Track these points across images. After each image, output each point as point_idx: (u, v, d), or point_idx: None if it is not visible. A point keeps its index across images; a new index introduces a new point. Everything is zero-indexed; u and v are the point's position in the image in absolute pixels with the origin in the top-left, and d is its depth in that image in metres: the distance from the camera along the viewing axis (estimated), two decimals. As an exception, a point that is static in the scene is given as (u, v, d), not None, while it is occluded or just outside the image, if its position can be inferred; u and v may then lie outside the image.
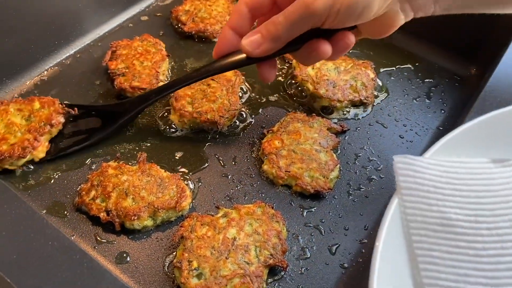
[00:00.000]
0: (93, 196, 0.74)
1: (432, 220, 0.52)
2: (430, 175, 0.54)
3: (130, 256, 0.70)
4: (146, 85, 0.89)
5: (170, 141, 0.85)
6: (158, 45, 0.98)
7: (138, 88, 0.89)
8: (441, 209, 0.52)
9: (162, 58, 0.95)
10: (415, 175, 0.53)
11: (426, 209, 0.52)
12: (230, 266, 0.66)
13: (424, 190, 0.53)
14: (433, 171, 0.55)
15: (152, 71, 0.92)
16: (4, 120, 0.79)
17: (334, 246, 0.72)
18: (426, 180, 0.54)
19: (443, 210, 0.52)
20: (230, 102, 0.88)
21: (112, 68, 0.92)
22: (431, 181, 0.54)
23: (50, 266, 0.51)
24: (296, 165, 0.79)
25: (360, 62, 0.96)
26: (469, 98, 0.92)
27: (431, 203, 0.53)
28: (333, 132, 0.86)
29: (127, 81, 0.90)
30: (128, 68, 0.92)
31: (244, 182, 0.80)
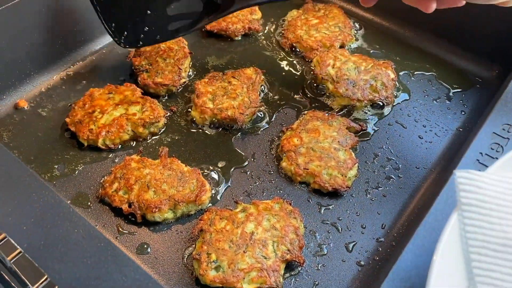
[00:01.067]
0: (116, 188, 0.76)
1: (493, 239, 0.49)
2: (494, 192, 0.51)
3: (151, 247, 0.72)
4: (168, 81, 0.92)
5: (191, 137, 0.87)
6: (180, 42, 1.00)
7: (161, 84, 0.91)
8: (504, 228, 0.50)
9: (184, 55, 0.97)
10: (477, 191, 0.51)
11: (488, 228, 0.50)
12: (248, 259, 0.67)
13: (486, 208, 0.51)
14: (497, 188, 0.52)
15: (174, 67, 0.94)
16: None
17: (351, 244, 0.73)
18: (488, 197, 0.51)
19: (505, 229, 0.50)
20: (250, 99, 0.89)
21: (136, 64, 0.94)
22: (494, 198, 0.51)
23: (76, 252, 0.53)
24: (314, 163, 0.80)
25: (381, 62, 0.97)
26: (490, 99, 0.91)
27: (493, 221, 0.50)
28: (352, 131, 0.86)
29: (150, 78, 0.92)
30: (151, 65, 0.94)
31: (262, 179, 0.81)
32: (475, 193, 0.51)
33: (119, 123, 0.83)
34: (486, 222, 0.50)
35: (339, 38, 1.04)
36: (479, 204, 0.51)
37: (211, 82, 0.92)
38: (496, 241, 0.49)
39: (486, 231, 0.50)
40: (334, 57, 0.97)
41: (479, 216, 0.50)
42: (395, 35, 1.09)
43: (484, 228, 0.50)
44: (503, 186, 0.52)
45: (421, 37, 1.07)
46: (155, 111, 0.86)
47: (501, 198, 0.51)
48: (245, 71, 0.95)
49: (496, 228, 0.50)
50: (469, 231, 0.50)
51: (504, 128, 0.70)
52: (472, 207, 0.50)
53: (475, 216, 0.50)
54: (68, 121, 0.85)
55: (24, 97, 0.92)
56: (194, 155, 0.84)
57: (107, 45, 1.04)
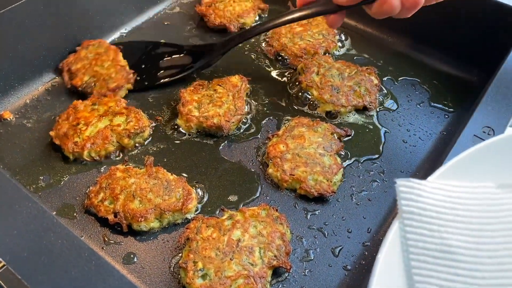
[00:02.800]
0: (102, 198, 0.76)
1: (433, 246, 0.51)
2: (433, 200, 0.53)
3: (137, 257, 0.71)
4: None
5: (177, 146, 0.87)
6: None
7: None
8: (442, 235, 0.51)
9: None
10: (417, 199, 0.52)
11: (427, 235, 0.51)
12: (234, 267, 0.67)
13: (426, 215, 0.52)
14: (436, 196, 0.53)
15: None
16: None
17: (338, 249, 0.73)
18: (428, 205, 0.52)
19: (444, 236, 0.51)
20: (236, 107, 0.89)
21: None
22: (434, 206, 0.52)
23: (59, 263, 0.52)
24: (300, 169, 0.80)
25: (364, 68, 0.98)
26: (472, 102, 0.93)
27: (432, 228, 0.51)
28: (337, 137, 0.87)
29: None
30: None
31: (249, 186, 0.81)
32: (416, 201, 0.52)
33: (104, 134, 0.83)
34: (427, 230, 0.51)
35: (323, 45, 1.05)
36: (419, 212, 0.52)
37: (196, 90, 0.92)
38: (435, 247, 0.50)
39: (426, 238, 0.51)
40: (318, 64, 0.98)
41: (419, 224, 0.51)
42: (378, 41, 1.11)
43: (424, 236, 0.51)
44: (442, 194, 0.53)
45: (404, 43, 1.09)
46: (140, 121, 0.86)
47: (441, 206, 0.53)
48: (230, 79, 0.95)
49: (436, 235, 0.51)
50: (410, 239, 0.51)
51: (485, 131, 0.71)
52: (413, 215, 0.51)
53: (416, 224, 0.51)
54: (53, 135, 0.84)
55: (8, 109, 0.92)
56: (180, 163, 0.84)
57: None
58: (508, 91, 0.78)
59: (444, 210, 0.52)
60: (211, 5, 1.14)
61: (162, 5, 1.18)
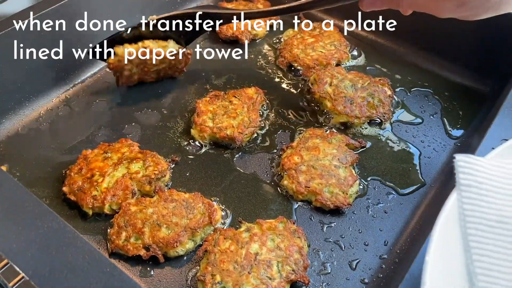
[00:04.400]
0: (125, 237, 0.72)
1: (490, 216, 0.53)
2: (491, 175, 0.55)
3: (154, 270, 0.71)
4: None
5: (191, 158, 0.87)
6: None
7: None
8: (499, 207, 0.54)
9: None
10: (476, 174, 0.55)
11: (485, 206, 0.54)
12: (253, 281, 0.67)
13: (483, 189, 0.54)
14: (494, 172, 0.56)
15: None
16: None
17: (355, 262, 0.73)
18: (486, 179, 0.55)
19: (501, 208, 0.53)
20: (250, 119, 0.90)
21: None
22: (491, 181, 0.55)
23: (81, 278, 0.52)
24: (315, 181, 0.80)
25: (377, 79, 0.98)
26: (486, 113, 0.92)
27: (489, 201, 0.54)
28: (351, 148, 0.87)
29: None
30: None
31: (264, 197, 0.81)
32: (474, 175, 0.55)
33: (124, 184, 0.78)
34: (484, 202, 0.54)
35: (335, 56, 1.05)
36: (477, 185, 0.54)
37: (212, 101, 0.93)
38: (492, 217, 0.53)
39: (484, 209, 0.53)
40: (331, 75, 0.98)
41: (477, 196, 0.54)
42: (390, 52, 1.11)
43: (481, 207, 0.53)
44: (500, 170, 0.56)
45: (416, 54, 1.09)
46: (159, 165, 0.81)
47: (498, 181, 0.55)
48: (246, 91, 0.95)
49: (493, 207, 0.54)
50: (467, 209, 0.53)
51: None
52: (470, 188, 0.54)
53: (473, 196, 0.54)
54: (66, 190, 0.78)
55: (23, 120, 0.92)
56: (195, 175, 0.84)
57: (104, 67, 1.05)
58: (525, 102, 0.77)
59: (501, 185, 0.55)
60: (223, 17, 1.14)
61: (174, 17, 1.19)
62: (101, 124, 0.93)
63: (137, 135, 0.92)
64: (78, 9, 0.97)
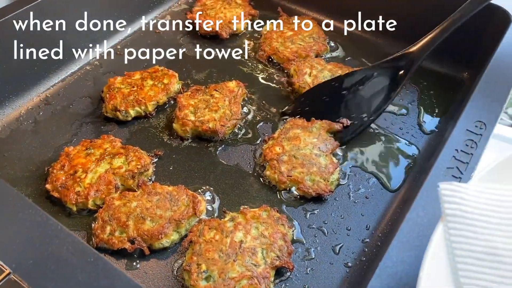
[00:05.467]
0: (110, 231, 0.73)
1: (478, 248, 0.51)
2: (476, 203, 0.53)
3: (140, 263, 0.72)
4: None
5: (174, 152, 0.88)
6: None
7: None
8: (487, 237, 0.51)
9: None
10: (461, 202, 0.52)
11: (472, 237, 0.51)
12: (238, 268, 0.67)
13: (470, 218, 0.52)
14: (479, 199, 0.53)
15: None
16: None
17: (338, 246, 0.74)
18: (472, 208, 0.52)
19: (489, 238, 0.51)
20: (232, 112, 0.90)
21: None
22: (477, 209, 0.53)
23: (66, 269, 0.52)
24: (297, 170, 0.81)
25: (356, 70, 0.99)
26: (462, 100, 0.95)
27: (477, 231, 0.51)
28: (333, 132, 0.88)
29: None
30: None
31: (248, 187, 0.82)
32: (459, 204, 0.52)
33: (106, 179, 0.78)
34: (471, 232, 0.51)
35: (314, 48, 1.06)
36: (463, 214, 0.52)
37: (193, 95, 0.93)
38: (481, 249, 0.50)
39: (471, 240, 0.51)
40: (310, 66, 0.99)
41: (463, 226, 0.51)
42: (368, 44, 1.13)
43: (469, 238, 0.51)
44: (485, 196, 0.54)
45: (392, 44, 1.10)
46: (142, 160, 0.82)
47: (484, 209, 0.53)
48: (227, 84, 0.96)
49: (480, 237, 0.51)
50: (454, 241, 0.51)
51: (477, 125, 0.73)
52: (456, 217, 0.52)
53: (460, 227, 0.51)
54: (49, 188, 0.78)
55: (4, 120, 0.92)
56: (179, 169, 0.85)
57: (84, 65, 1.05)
58: (497, 86, 0.80)
59: (487, 212, 0.53)
60: (202, 12, 1.15)
61: (153, 14, 1.19)
62: (83, 121, 0.93)
63: (119, 131, 0.92)
64: (54, 8, 0.97)
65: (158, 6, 1.21)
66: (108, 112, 0.92)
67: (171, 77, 0.97)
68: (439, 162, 0.67)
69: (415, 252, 0.57)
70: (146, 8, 1.18)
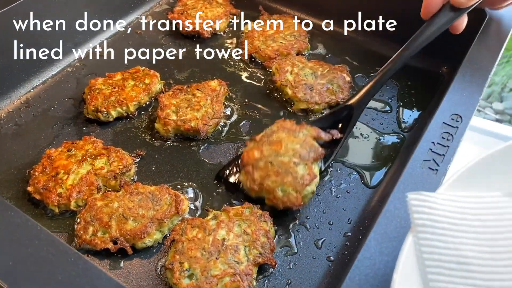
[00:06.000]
0: (93, 231, 0.73)
1: (448, 258, 0.51)
2: (445, 212, 0.53)
3: (123, 262, 0.72)
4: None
5: (157, 152, 0.88)
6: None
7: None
8: (457, 246, 0.51)
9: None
10: (429, 212, 0.52)
11: (442, 247, 0.51)
12: (220, 266, 0.68)
13: (439, 227, 0.52)
14: (447, 207, 0.54)
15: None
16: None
17: (320, 241, 0.75)
18: (440, 217, 0.53)
19: (458, 247, 0.51)
20: (214, 110, 0.91)
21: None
22: (446, 218, 0.53)
23: (46, 270, 0.52)
24: (270, 179, 0.76)
25: (336, 67, 1.01)
26: (441, 94, 0.96)
27: (447, 240, 0.51)
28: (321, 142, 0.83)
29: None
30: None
31: (231, 185, 0.83)
32: (428, 213, 0.52)
33: (88, 180, 0.78)
34: (441, 242, 0.51)
35: (295, 46, 1.07)
36: (432, 224, 0.52)
37: (175, 94, 0.93)
38: (451, 259, 0.51)
39: (441, 250, 0.51)
40: (291, 63, 1.00)
41: (433, 236, 0.52)
42: (348, 41, 1.14)
43: (439, 248, 0.51)
44: (453, 205, 0.54)
45: (373, 41, 1.12)
46: (123, 160, 0.82)
47: (452, 217, 0.53)
48: (209, 83, 0.97)
49: (450, 247, 0.51)
50: (425, 252, 0.51)
51: (453, 118, 0.74)
52: (426, 227, 0.52)
53: (429, 237, 0.51)
54: (31, 190, 0.78)
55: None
56: (162, 168, 0.85)
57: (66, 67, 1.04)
58: (473, 79, 0.81)
59: (456, 221, 0.53)
60: (183, 12, 1.15)
61: (135, 14, 1.19)
62: (64, 123, 0.93)
63: (101, 132, 0.92)
64: (34, 8, 0.97)
65: (139, 7, 1.21)
66: (89, 114, 0.92)
67: (152, 77, 0.97)
68: (416, 155, 0.69)
69: (393, 243, 0.58)
70: (127, 8, 1.18)
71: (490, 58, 0.86)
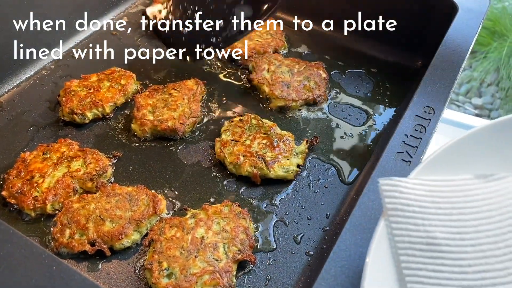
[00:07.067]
0: (70, 234, 0.72)
1: (419, 239, 0.52)
2: (415, 195, 0.55)
3: (102, 264, 0.71)
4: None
5: (134, 153, 0.87)
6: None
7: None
8: (426, 228, 0.53)
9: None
10: (400, 196, 0.54)
11: (413, 229, 0.53)
12: (199, 264, 0.68)
13: (409, 211, 0.53)
14: (418, 191, 0.55)
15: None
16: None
17: (299, 236, 0.76)
18: (411, 200, 0.54)
19: (428, 229, 0.53)
20: (191, 110, 0.91)
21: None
22: (416, 201, 0.54)
23: (20, 272, 0.52)
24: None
25: (313, 64, 1.01)
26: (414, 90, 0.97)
27: (417, 223, 0.53)
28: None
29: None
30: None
31: (210, 184, 0.83)
32: (399, 198, 0.54)
33: (64, 183, 0.78)
34: (411, 225, 0.53)
35: (271, 44, 1.08)
36: (403, 208, 0.53)
37: (151, 95, 0.93)
38: (421, 241, 0.52)
39: (412, 232, 0.52)
40: (268, 61, 1.00)
41: (404, 219, 0.53)
42: (324, 38, 1.15)
43: (410, 230, 0.52)
44: (423, 188, 0.55)
45: (348, 38, 1.13)
46: (100, 162, 0.81)
47: (423, 200, 0.54)
48: (186, 83, 0.96)
49: (420, 229, 0.53)
50: (396, 235, 0.52)
51: (426, 110, 0.75)
52: (397, 211, 0.53)
53: (400, 220, 0.53)
54: (6, 194, 0.77)
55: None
56: (139, 169, 0.85)
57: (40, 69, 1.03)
58: (445, 73, 0.83)
59: (426, 204, 0.54)
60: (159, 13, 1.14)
61: (110, 15, 1.18)
62: (39, 126, 0.92)
63: (78, 134, 0.91)
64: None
65: (115, 8, 1.20)
66: (65, 116, 0.91)
67: (128, 78, 0.96)
68: (390, 147, 0.70)
69: (368, 234, 0.59)
70: (102, 10, 1.17)
71: (461, 51, 0.87)
